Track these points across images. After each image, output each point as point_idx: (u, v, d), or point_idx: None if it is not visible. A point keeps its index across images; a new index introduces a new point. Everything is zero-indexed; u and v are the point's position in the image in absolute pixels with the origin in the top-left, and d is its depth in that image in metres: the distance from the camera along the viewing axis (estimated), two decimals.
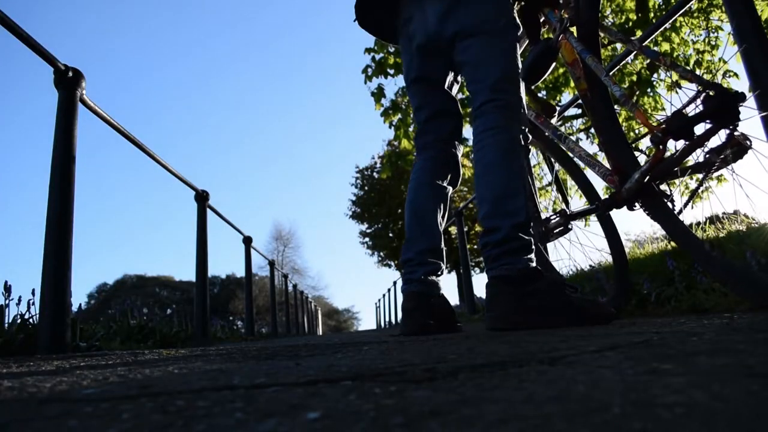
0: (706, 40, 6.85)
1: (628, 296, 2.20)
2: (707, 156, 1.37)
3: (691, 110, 1.36)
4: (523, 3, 1.80)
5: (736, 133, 1.29)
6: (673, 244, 3.04)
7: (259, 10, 55.67)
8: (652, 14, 6.44)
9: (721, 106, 1.31)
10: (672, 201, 1.57)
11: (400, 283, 11.65)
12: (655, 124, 1.42)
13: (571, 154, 1.95)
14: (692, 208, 1.44)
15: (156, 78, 53.45)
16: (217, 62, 54.46)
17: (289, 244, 36.05)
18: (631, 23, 6.75)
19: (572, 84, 6.27)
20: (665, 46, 6.53)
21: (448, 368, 0.69)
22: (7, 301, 2.25)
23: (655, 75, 7.08)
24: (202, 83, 54.40)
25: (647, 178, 1.55)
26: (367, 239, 19.06)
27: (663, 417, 0.35)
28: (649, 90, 7.00)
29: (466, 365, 0.72)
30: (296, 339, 4.68)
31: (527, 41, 1.87)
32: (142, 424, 0.45)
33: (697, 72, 6.63)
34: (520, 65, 1.69)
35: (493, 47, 1.64)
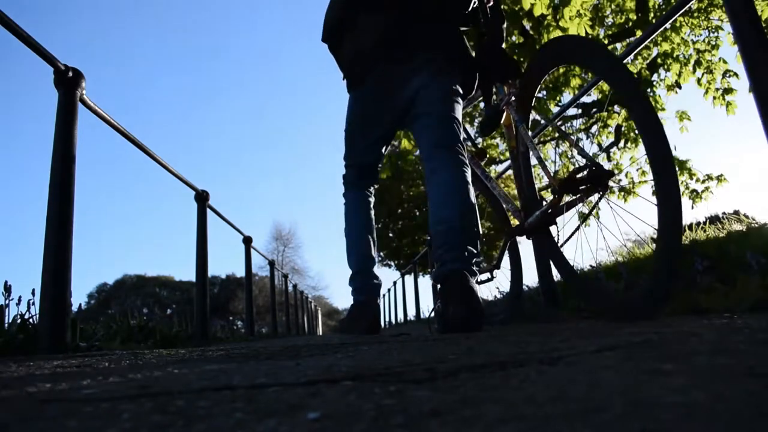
0: (706, 40, 6.85)
1: (521, 312, 2.83)
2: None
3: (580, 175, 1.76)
4: (482, 76, 2.18)
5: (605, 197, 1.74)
6: None
7: (259, 10, 55.69)
8: (651, 14, 6.43)
9: (599, 178, 1.70)
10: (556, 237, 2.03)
11: (400, 284, 11.66)
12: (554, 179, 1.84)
13: (493, 192, 2.40)
14: (564, 245, 2.01)
15: (156, 78, 53.44)
16: (218, 62, 54.46)
17: (289, 244, 36.07)
18: (630, 23, 6.74)
19: (572, 84, 6.27)
20: (665, 46, 6.52)
21: (448, 368, 0.69)
22: (7, 301, 2.25)
23: (655, 75, 7.08)
24: (202, 83, 54.39)
25: (544, 217, 1.94)
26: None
27: (663, 417, 0.35)
28: (648, 90, 7.01)
29: (466, 365, 0.72)
30: (296, 339, 4.69)
31: (483, 103, 2.27)
32: (142, 424, 0.45)
33: (697, 72, 6.63)
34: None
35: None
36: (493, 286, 7.28)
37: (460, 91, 2.12)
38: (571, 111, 7.38)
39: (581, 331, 1.26)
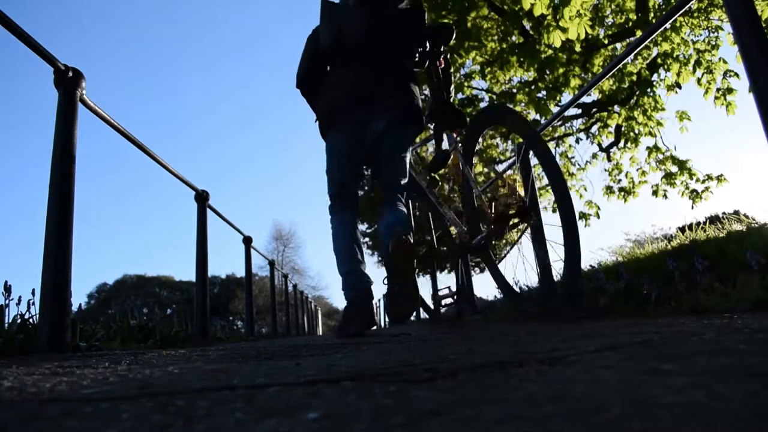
0: (706, 40, 6.84)
1: (473, 309, 3.77)
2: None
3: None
4: (434, 124, 2.68)
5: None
6: (673, 244, 3.09)
7: (259, 10, 55.69)
8: (651, 14, 6.43)
9: (524, 212, 2.29)
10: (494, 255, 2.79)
11: None
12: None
13: (445, 216, 2.92)
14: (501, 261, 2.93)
15: (156, 77, 53.38)
16: (218, 62, 54.43)
17: (289, 244, 35.99)
18: (631, 23, 6.74)
19: (572, 84, 6.27)
20: (665, 46, 6.52)
21: (448, 368, 0.69)
22: (7, 301, 2.24)
23: (655, 75, 7.08)
24: (202, 83, 54.34)
25: (484, 240, 2.55)
26: (366, 239, 19.01)
27: (663, 417, 0.35)
28: (648, 90, 7.01)
29: (466, 365, 0.72)
30: (296, 339, 4.69)
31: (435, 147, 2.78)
32: (142, 424, 0.45)
33: (697, 72, 6.62)
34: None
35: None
36: (494, 287, 7.49)
37: (412, 139, 2.64)
38: (571, 111, 7.38)
39: (581, 331, 1.26)
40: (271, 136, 55.65)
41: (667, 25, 2.89)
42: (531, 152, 3.06)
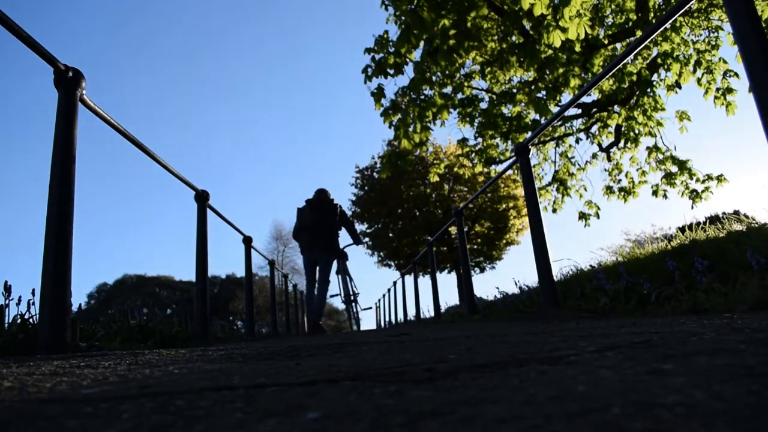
0: (706, 40, 6.84)
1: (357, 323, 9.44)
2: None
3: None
4: (338, 255, 6.91)
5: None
6: (673, 244, 3.08)
7: (258, 10, 55.68)
8: (651, 14, 6.43)
9: (354, 296, 8.82)
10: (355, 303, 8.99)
11: (399, 283, 12.06)
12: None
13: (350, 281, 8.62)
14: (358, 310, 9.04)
15: (156, 78, 53.36)
16: (218, 62, 54.45)
17: (289, 244, 35.90)
18: (631, 23, 6.73)
19: (572, 84, 6.27)
20: (665, 46, 6.51)
21: (448, 368, 0.69)
22: (7, 301, 2.25)
23: (655, 75, 7.08)
24: (202, 83, 54.33)
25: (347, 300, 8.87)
26: (367, 239, 19.02)
27: (663, 417, 0.35)
28: (648, 90, 7.01)
29: (466, 365, 0.72)
30: (296, 339, 4.69)
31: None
32: (142, 424, 0.45)
33: (698, 72, 6.63)
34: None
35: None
36: (493, 288, 8.17)
37: (332, 262, 6.38)
38: (571, 111, 7.37)
39: (581, 331, 1.26)
40: (271, 136, 55.63)
41: (667, 25, 2.88)
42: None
